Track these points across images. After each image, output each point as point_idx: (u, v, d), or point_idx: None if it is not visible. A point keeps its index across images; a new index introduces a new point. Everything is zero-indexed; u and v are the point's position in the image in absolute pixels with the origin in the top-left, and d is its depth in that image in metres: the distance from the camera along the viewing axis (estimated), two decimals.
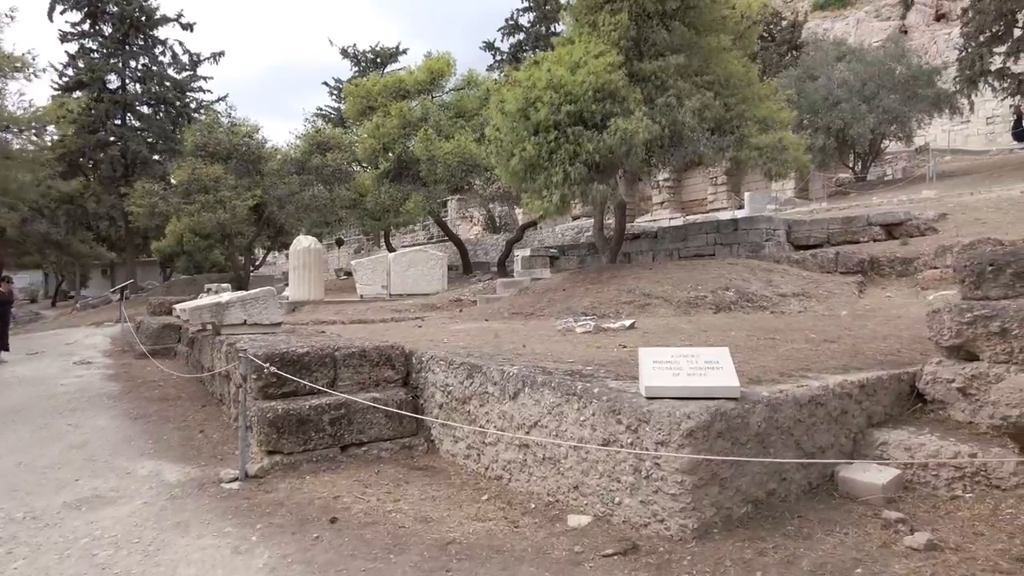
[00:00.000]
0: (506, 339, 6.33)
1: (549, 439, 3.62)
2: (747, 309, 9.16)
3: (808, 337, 5.53)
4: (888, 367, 3.99)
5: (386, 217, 18.70)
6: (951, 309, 3.65)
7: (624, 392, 3.21)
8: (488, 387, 4.23)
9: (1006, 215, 12.94)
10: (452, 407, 4.69)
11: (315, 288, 13.59)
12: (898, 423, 3.63)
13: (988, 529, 2.62)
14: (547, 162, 9.90)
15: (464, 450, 4.52)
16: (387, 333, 7.88)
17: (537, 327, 7.95)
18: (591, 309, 9.49)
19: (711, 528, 2.83)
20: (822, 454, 3.34)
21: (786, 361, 4.28)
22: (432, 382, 4.98)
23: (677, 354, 3.17)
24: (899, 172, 23.37)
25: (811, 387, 3.33)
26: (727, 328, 6.58)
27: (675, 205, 28.52)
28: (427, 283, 14.47)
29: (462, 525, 3.31)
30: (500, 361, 4.52)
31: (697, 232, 15.88)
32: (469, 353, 5.06)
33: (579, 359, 4.61)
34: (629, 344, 5.50)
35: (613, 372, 3.88)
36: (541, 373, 3.86)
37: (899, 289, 9.71)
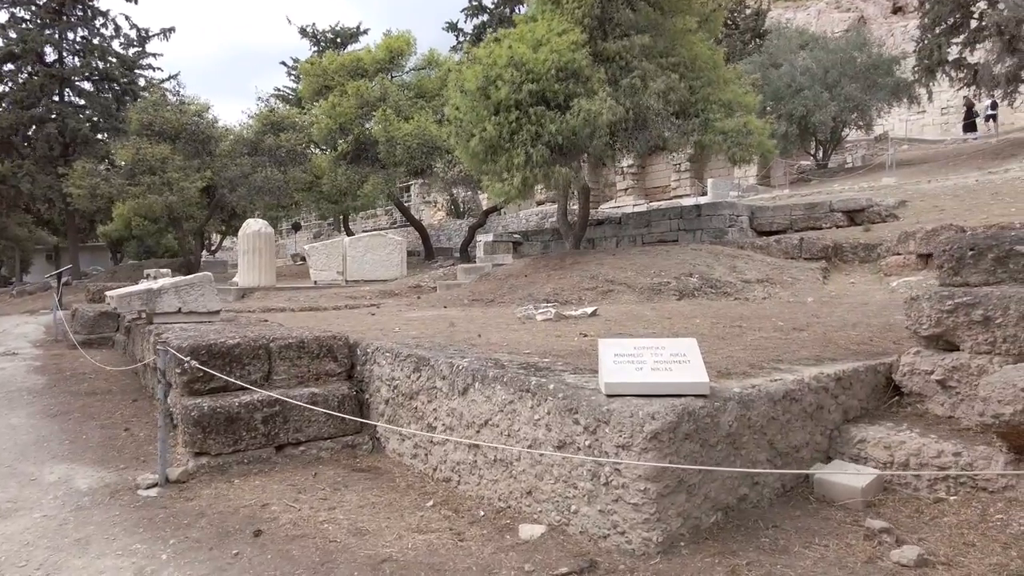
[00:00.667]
0: (462, 328, 5.96)
1: (499, 440, 3.27)
2: (711, 295, 8.97)
3: (776, 325, 5.30)
4: (863, 358, 3.75)
5: (343, 200, 18.07)
6: (931, 296, 3.42)
7: (582, 389, 2.87)
8: (436, 381, 3.87)
9: (963, 202, 13.06)
10: (399, 403, 4.32)
11: (266, 274, 12.98)
12: (875, 418, 3.38)
13: (979, 539, 2.37)
14: (508, 143, 9.51)
15: (411, 449, 4.16)
16: (337, 321, 7.43)
17: (496, 315, 7.60)
18: (553, 296, 9.18)
19: (677, 541, 2.53)
20: (796, 453, 3.07)
21: (755, 351, 4.01)
22: (378, 375, 4.59)
23: (640, 346, 2.85)
24: (859, 160, 23.64)
25: (785, 381, 3.05)
26: (691, 315, 6.33)
27: (639, 192, 28.44)
28: (385, 269, 13.98)
29: (401, 539, 2.95)
30: (451, 353, 4.15)
31: (660, 218, 15.72)
32: (419, 344, 4.68)
33: (537, 350, 4.27)
34: (590, 333, 5.18)
35: (572, 365, 3.55)
36: (493, 367, 3.51)
37: (862, 275, 9.64)
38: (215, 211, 20.17)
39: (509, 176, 9.45)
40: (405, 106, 17.80)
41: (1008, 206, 11.78)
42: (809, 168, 24.50)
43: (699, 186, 25.97)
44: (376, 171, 17.57)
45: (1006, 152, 18.72)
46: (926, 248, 8.56)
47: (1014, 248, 3.34)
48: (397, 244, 14.32)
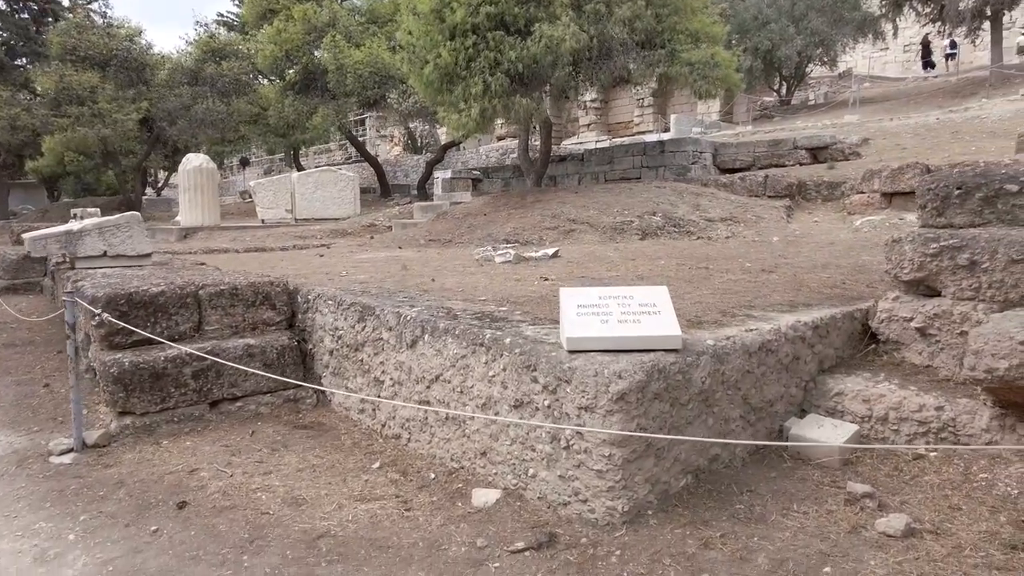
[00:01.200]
0: (416, 271, 5.59)
1: (451, 398, 2.98)
2: (674, 235, 8.75)
3: (744, 267, 5.08)
4: (838, 303, 3.54)
5: (291, 134, 17.08)
6: (914, 239, 3.18)
7: (542, 343, 2.57)
8: (383, 333, 3.52)
9: (924, 141, 13.02)
10: (343, 355, 3.97)
11: (210, 212, 12.24)
12: (851, 368, 3.19)
13: (964, 501, 2.20)
14: (465, 71, 8.90)
15: (358, 404, 3.85)
16: (281, 264, 6.97)
17: (453, 256, 7.23)
18: (513, 236, 8.83)
19: (645, 510, 2.30)
20: (770, 408, 2.86)
21: (725, 296, 3.77)
22: (320, 325, 4.22)
23: (606, 296, 2.55)
24: (821, 97, 23.46)
25: (761, 331, 2.81)
26: (655, 256, 6.08)
27: (602, 127, 27.89)
28: (337, 207, 13.34)
29: (341, 509, 2.67)
30: (400, 301, 3.80)
31: (623, 154, 15.33)
32: (366, 290, 4.31)
33: (494, 296, 3.95)
34: (551, 276, 4.88)
35: (531, 314, 3.24)
36: (444, 317, 3.17)
37: (826, 213, 9.53)
38: (155, 146, 18.87)
39: (466, 107, 8.88)
40: (356, 32, 16.67)
41: (968, 144, 11.77)
42: (772, 105, 24.24)
43: (662, 122, 25.56)
44: (326, 102, 16.57)
45: (966, 91, 18.74)
46: (891, 187, 8.44)
47: (1003, 187, 3.11)
48: (349, 180, 13.63)
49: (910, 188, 8.25)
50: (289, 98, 17.44)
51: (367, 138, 36.09)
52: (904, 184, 8.29)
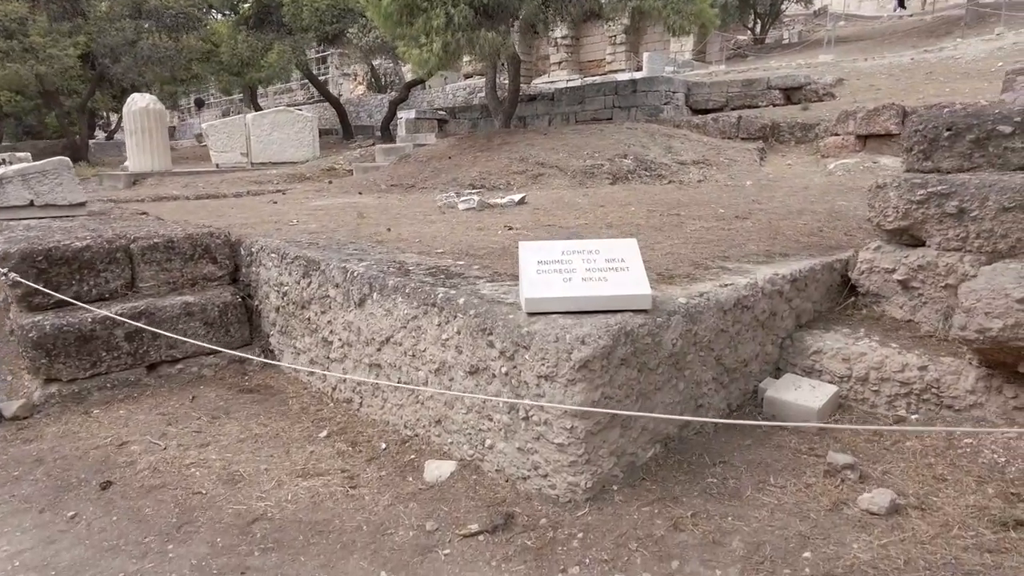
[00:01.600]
0: (372, 219, 5.25)
1: (403, 361, 2.73)
2: (645, 179, 8.48)
3: (717, 213, 4.85)
4: (816, 253, 3.34)
5: (246, 72, 16.12)
6: (899, 184, 2.97)
7: (499, 303, 2.32)
8: (329, 290, 3.23)
9: (898, 82, 12.78)
10: (290, 312, 3.68)
11: (159, 157, 11.54)
12: (829, 323, 3.02)
13: (949, 470, 2.05)
14: (426, 2, 8.31)
15: (307, 365, 3.59)
16: (231, 212, 6.54)
17: (415, 203, 6.88)
18: (479, 180, 8.47)
19: (610, 484, 2.12)
20: (745, 368, 2.68)
21: (697, 245, 3.54)
22: (265, 279, 3.91)
23: (570, 250, 2.29)
24: (796, 36, 22.95)
25: (737, 286, 2.59)
26: (626, 202, 5.82)
27: (573, 66, 27.06)
28: (295, 149, 12.71)
29: (281, 487, 2.44)
30: (350, 254, 3.50)
31: (595, 94, 14.84)
32: (315, 241, 3.99)
33: (453, 248, 3.67)
34: (516, 225, 4.60)
35: (490, 269, 2.98)
36: (395, 273, 2.89)
37: (799, 156, 9.32)
38: (99, 85, 17.68)
39: (427, 41, 8.32)
40: None
41: (942, 85, 11.57)
42: (746, 43, 23.68)
43: (635, 60, 24.85)
44: (281, 38, 15.60)
45: (940, 30, 18.45)
46: (866, 129, 8.23)
47: (996, 128, 2.89)
48: (308, 121, 12.95)
49: (885, 130, 8.06)
50: (242, 34, 16.39)
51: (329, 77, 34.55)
52: (879, 126, 8.09)
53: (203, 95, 30.87)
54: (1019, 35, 14.51)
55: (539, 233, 4.21)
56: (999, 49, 13.73)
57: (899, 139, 8.04)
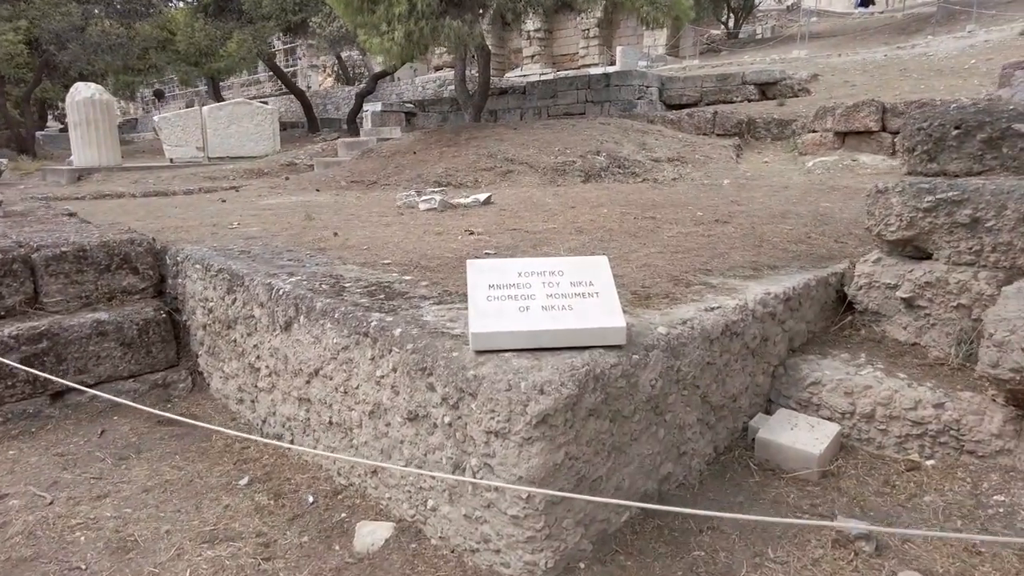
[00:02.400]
0: (321, 221, 4.80)
1: (334, 398, 2.32)
2: (619, 176, 8.13)
3: (695, 216, 4.50)
4: (807, 264, 3.00)
5: (204, 62, 15.38)
6: (903, 189, 2.63)
7: (443, 335, 1.91)
8: (254, 309, 2.79)
9: (873, 78, 12.64)
10: (216, 332, 3.23)
11: (107, 151, 10.85)
12: (825, 347, 2.67)
13: (985, 542, 1.69)
14: None
15: (235, 393, 3.14)
16: (175, 211, 6.03)
17: (374, 201, 6.42)
18: (445, 177, 8.03)
19: (576, 562, 1.73)
20: (733, 404, 2.31)
21: (676, 256, 3.17)
22: (191, 293, 3.45)
23: (528, 271, 1.89)
24: (768, 31, 22.85)
25: (725, 310, 2.22)
26: (598, 202, 5.45)
27: (546, 59, 26.71)
28: (255, 143, 12.10)
29: (181, 556, 2.00)
30: (283, 264, 3.06)
31: (568, 88, 14.48)
32: (247, 249, 3.53)
33: (402, 258, 3.25)
34: (478, 229, 4.19)
35: (440, 286, 2.57)
36: (327, 293, 2.46)
37: (776, 153, 9.06)
38: (47, 73, 16.77)
39: (389, 30, 7.84)
40: None
41: (917, 82, 11.43)
42: (719, 38, 23.53)
43: (608, 54, 24.58)
44: (242, 26, 14.91)
45: (911, 28, 18.45)
46: (845, 126, 7.98)
47: (1011, 127, 2.56)
48: (268, 114, 12.34)
49: (865, 127, 7.82)
50: (200, 21, 15.64)
51: (298, 69, 33.64)
52: (859, 123, 7.84)
53: (163, 86, 29.77)
54: (990, 33, 14.49)
55: (502, 239, 3.81)
56: (971, 47, 13.69)
57: (878, 136, 7.82)
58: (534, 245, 3.54)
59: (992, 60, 12.16)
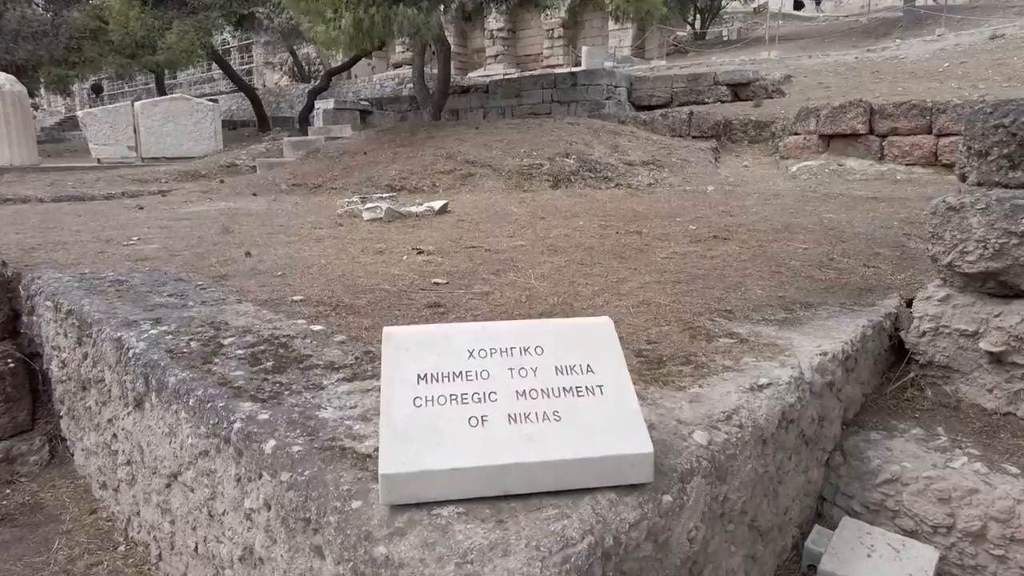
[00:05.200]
0: (239, 235, 3.98)
1: (198, 518, 1.53)
2: (590, 181, 7.45)
3: (687, 230, 3.82)
4: (846, 299, 2.33)
5: (141, 54, 14.23)
6: (987, 207, 1.97)
7: (343, 454, 1.16)
8: (105, 371, 1.99)
9: (846, 80, 12.28)
10: (72, 392, 2.41)
11: (20, 149, 9.73)
12: (886, 417, 2.00)
13: None
14: None
15: (97, 474, 2.32)
16: (77, 220, 5.12)
17: (312, 209, 5.60)
18: (399, 181, 7.24)
19: None
20: (783, 517, 1.60)
21: (680, 287, 2.47)
22: (46, 337, 2.61)
23: (484, 346, 1.14)
24: (735, 33, 22.60)
25: (778, 388, 1.51)
26: (572, 212, 4.74)
27: (510, 59, 26.06)
28: (194, 143, 11.09)
29: None
30: (157, 303, 2.25)
31: (533, 87, 13.79)
32: (125, 277, 2.71)
33: (323, 289, 2.47)
34: (430, 247, 3.43)
35: (362, 345, 1.80)
36: (188, 358, 1.68)
37: (755, 157, 8.51)
38: None
39: (336, 16, 7.02)
40: None
41: (893, 84, 11.08)
42: (685, 39, 23.19)
43: (573, 55, 24.04)
44: (183, 16, 13.81)
45: (878, 31, 18.31)
46: (830, 128, 7.45)
47: None
48: (208, 111, 11.32)
49: (852, 130, 7.30)
50: (136, 10, 14.46)
51: (253, 66, 32.28)
52: (845, 125, 7.32)
53: (105, 82, 28.13)
54: (959, 37, 14.32)
55: (457, 260, 3.06)
56: (941, 50, 13.46)
57: (865, 139, 7.31)
58: (497, 271, 2.80)
59: (966, 64, 11.91)
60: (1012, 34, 13.38)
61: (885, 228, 3.93)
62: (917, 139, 6.97)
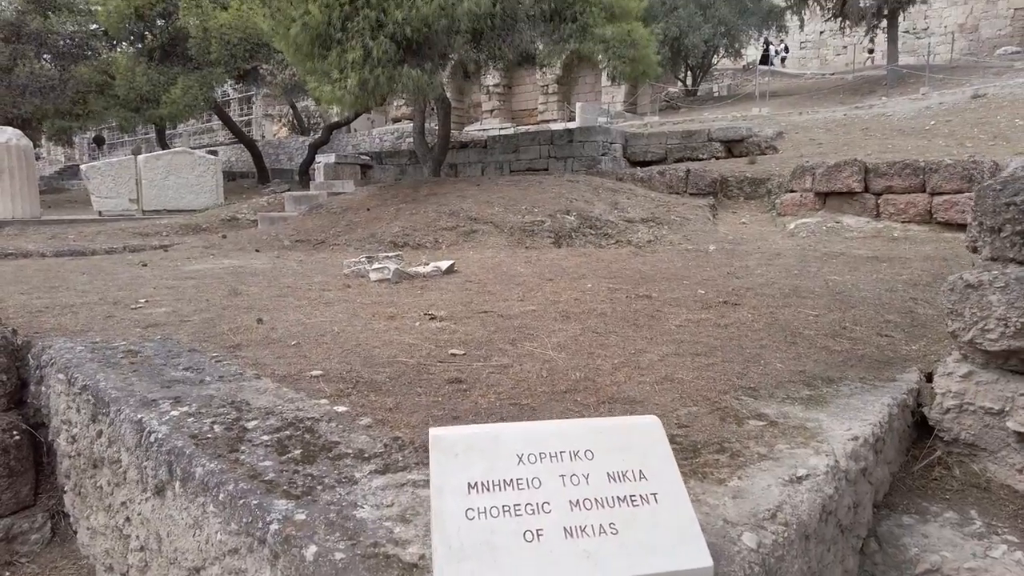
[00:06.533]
0: (248, 298, 3.97)
1: None
2: (590, 238, 7.52)
3: (696, 294, 3.84)
4: (866, 374, 2.32)
5: (146, 108, 14.49)
6: (1007, 285, 1.99)
7: (388, 561, 1.12)
8: (122, 453, 1.95)
9: (837, 136, 12.60)
10: (81, 468, 2.35)
11: (22, 201, 9.78)
12: (916, 498, 1.97)
13: None
14: (340, 33, 7.21)
15: (103, 556, 2.25)
16: (81, 278, 5.11)
17: (317, 267, 5.61)
18: (402, 237, 7.29)
19: None
20: None
21: (699, 359, 2.47)
22: (56, 409, 2.56)
23: (533, 450, 1.13)
24: (725, 89, 23.28)
25: (817, 480, 1.50)
26: (578, 273, 4.77)
27: (505, 114, 26.70)
28: (195, 196, 11.18)
29: None
30: (174, 378, 2.23)
31: (530, 143, 14.07)
32: (137, 347, 2.68)
33: (340, 363, 2.45)
34: (442, 312, 3.43)
35: (388, 429, 1.78)
36: (214, 445, 1.65)
37: (752, 213, 8.64)
38: None
39: (341, 77, 7.19)
40: None
41: (883, 141, 11.38)
42: (677, 95, 23.85)
43: (567, 110, 24.65)
44: (188, 72, 14.13)
45: (864, 89, 18.91)
46: (826, 186, 7.61)
47: None
48: (210, 164, 11.46)
49: (847, 188, 7.45)
50: (142, 66, 14.80)
51: (253, 117, 32.88)
52: (840, 183, 7.47)
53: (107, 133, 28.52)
54: (943, 96, 14.80)
55: (471, 328, 3.05)
56: (927, 108, 13.88)
57: (861, 197, 7.45)
58: (513, 340, 2.80)
59: (951, 122, 12.27)
60: (994, 94, 13.84)
61: (890, 291, 3.96)
62: (912, 197, 7.10)
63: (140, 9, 14.11)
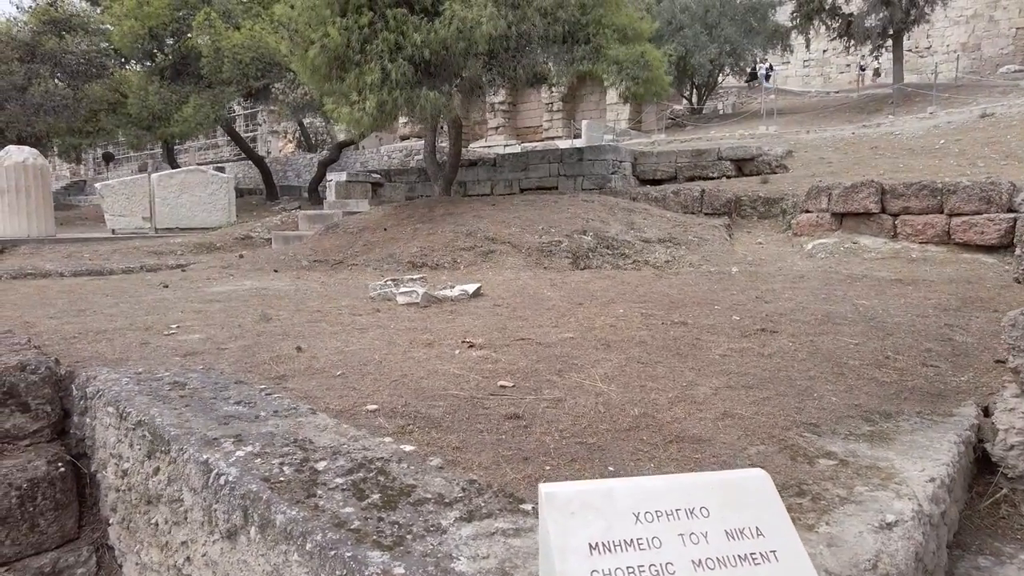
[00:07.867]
0: (281, 324, 3.96)
1: None
2: (608, 258, 7.53)
3: (731, 320, 3.83)
4: (922, 408, 2.31)
5: (157, 126, 14.58)
6: None
7: None
8: (184, 492, 1.93)
9: (847, 155, 12.65)
10: (133, 503, 2.33)
11: (38, 220, 9.81)
12: (986, 538, 1.95)
13: None
14: (359, 55, 7.27)
15: None
16: (104, 300, 5.10)
17: (342, 289, 5.61)
18: (420, 257, 7.30)
19: None
20: None
21: (752, 393, 2.46)
22: (103, 442, 2.55)
23: (650, 508, 1.12)
24: (729, 107, 23.43)
25: (906, 527, 1.48)
26: (607, 297, 4.76)
27: (510, 131, 26.86)
28: (208, 214, 11.22)
29: None
30: (227, 413, 2.21)
31: (539, 161, 14.13)
32: (181, 379, 2.67)
33: (392, 395, 2.44)
34: (479, 338, 3.42)
35: (461, 471, 1.76)
36: (289, 489, 1.63)
37: (767, 234, 8.65)
38: None
39: (360, 99, 7.24)
40: (236, 10, 14.46)
41: (894, 160, 11.41)
42: (682, 113, 23.99)
43: (572, 128, 24.77)
44: (199, 90, 14.24)
45: (869, 107, 19.04)
46: (843, 207, 7.62)
47: None
48: (223, 182, 11.52)
49: (864, 209, 7.46)
50: (155, 84, 14.91)
51: (259, 134, 33.06)
52: (858, 204, 7.49)
53: (114, 149, 28.70)
54: (951, 115, 14.87)
55: (513, 357, 3.04)
56: (935, 127, 13.94)
57: (878, 218, 7.46)
58: (559, 371, 2.78)
59: (961, 141, 12.31)
60: (1002, 113, 13.91)
61: (923, 317, 3.95)
62: (929, 218, 7.11)
63: (154, 29, 14.25)
